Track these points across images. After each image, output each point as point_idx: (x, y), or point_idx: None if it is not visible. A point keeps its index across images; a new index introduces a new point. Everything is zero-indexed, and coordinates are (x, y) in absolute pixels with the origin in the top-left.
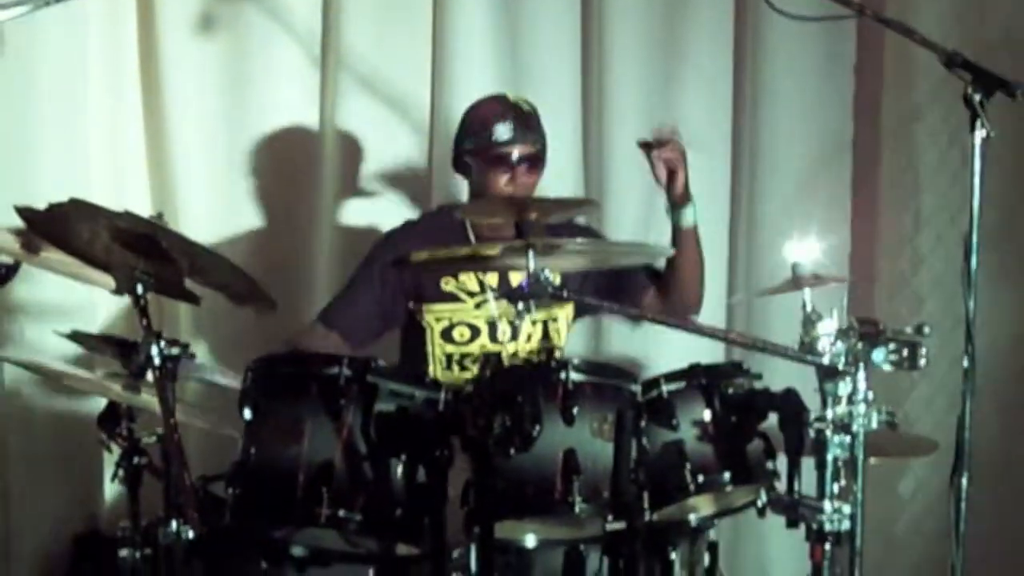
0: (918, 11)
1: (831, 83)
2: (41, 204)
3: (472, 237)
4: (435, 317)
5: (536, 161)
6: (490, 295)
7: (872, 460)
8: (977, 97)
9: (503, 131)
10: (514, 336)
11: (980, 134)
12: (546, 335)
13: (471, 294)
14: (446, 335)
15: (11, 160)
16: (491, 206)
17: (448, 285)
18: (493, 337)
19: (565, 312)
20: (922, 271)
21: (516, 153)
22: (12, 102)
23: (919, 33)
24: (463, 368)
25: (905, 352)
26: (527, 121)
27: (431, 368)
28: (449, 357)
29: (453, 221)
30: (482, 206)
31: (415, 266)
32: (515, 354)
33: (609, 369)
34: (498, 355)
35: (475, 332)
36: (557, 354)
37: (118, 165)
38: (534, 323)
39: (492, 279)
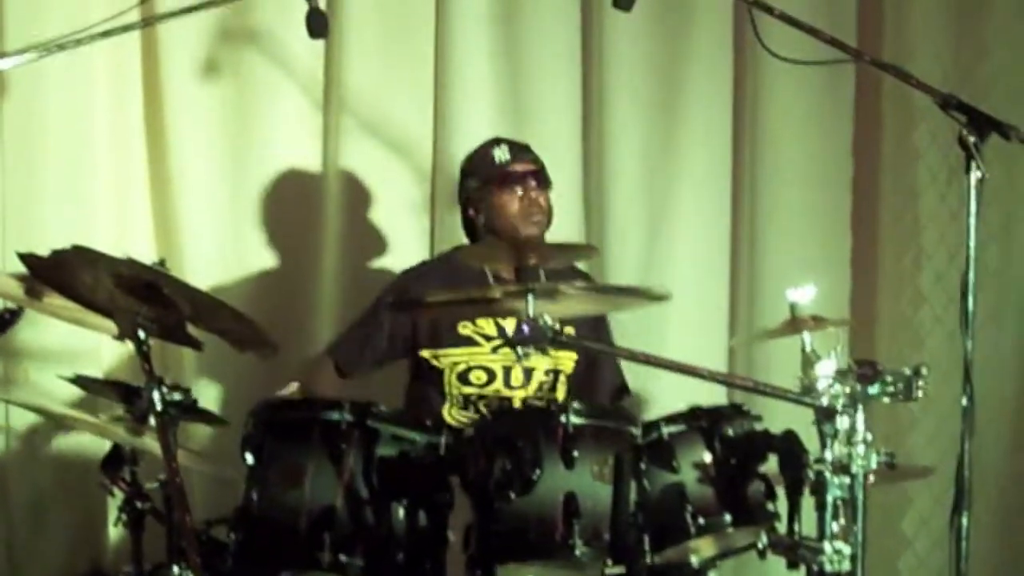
0: (915, 52)
1: (830, 124)
2: (45, 250)
3: (491, 278)
4: (452, 361)
5: (541, 177)
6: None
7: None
8: (972, 139)
9: (501, 153)
10: (527, 382)
11: (975, 175)
12: (555, 386)
13: (488, 338)
14: (462, 378)
15: (16, 205)
16: (492, 250)
17: (466, 329)
18: (508, 382)
19: (569, 366)
20: (923, 310)
21: (520, 168)
22: (18, 147)
23: (915, 77)
24: (478, 411)
25: (900, 384)
26: (521, 145)
27: (447, 408)
28: (467, 398)
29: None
30: (483, 250)
31: (431, 310)
32: (526, 400)
33: (609, 412)
34: (509, 401)
35: (491, 376)
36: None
37: (122, 210)
38: (547, 372)
39: (510, 324)
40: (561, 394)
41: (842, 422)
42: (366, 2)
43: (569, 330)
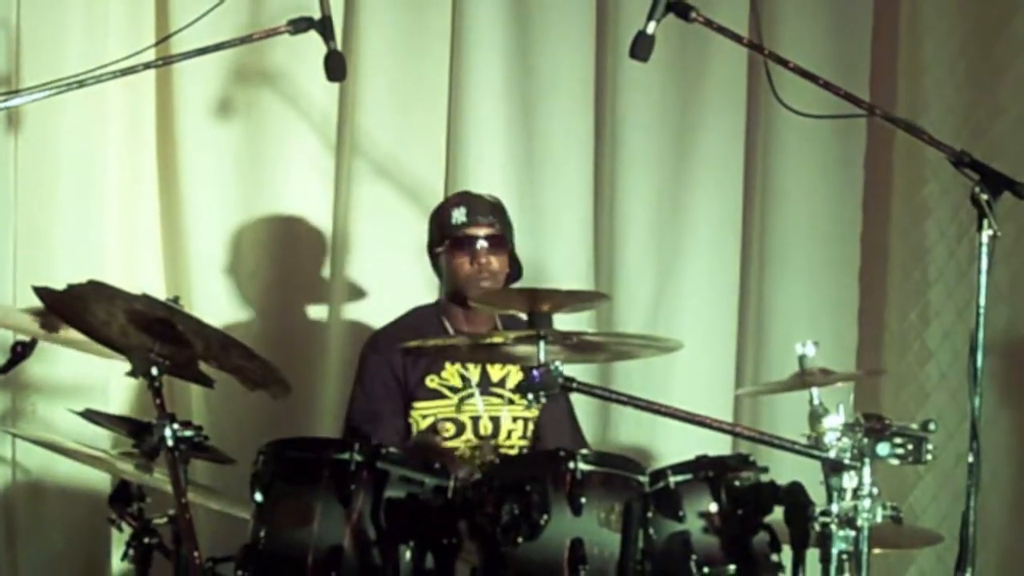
0: (928, 107)
1: (841, 178)
2: (57, 285)
3: (451, 331)
4: (421, 414)
5: (496, 241)
6: (475, 390)
7: (876, 550)
8: (984, 197)
9: (458, 214)
10: (495, 431)
11: (987, 233)
12: (525, 433)
13: (454, 390)
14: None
15: (29, 240)
16: (504, 296)
17: (432, 382)
18: (476, 432)
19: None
20: (929, 366)
21: (472, 232)
22: (31, 182)
23: (928, 133)
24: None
25: (910, 446)
26: (481, 206)
27: None
28: None
29: (429, 318)
30: (496, 296)
31: (403, 365)
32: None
33: (617, 460)
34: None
35: (460, 428)
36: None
37: (133, 247)
38: (515, 420)
39: (474, 374)
40: (526, 442)
41: (849, 479)
42: (380, 45)
43: None
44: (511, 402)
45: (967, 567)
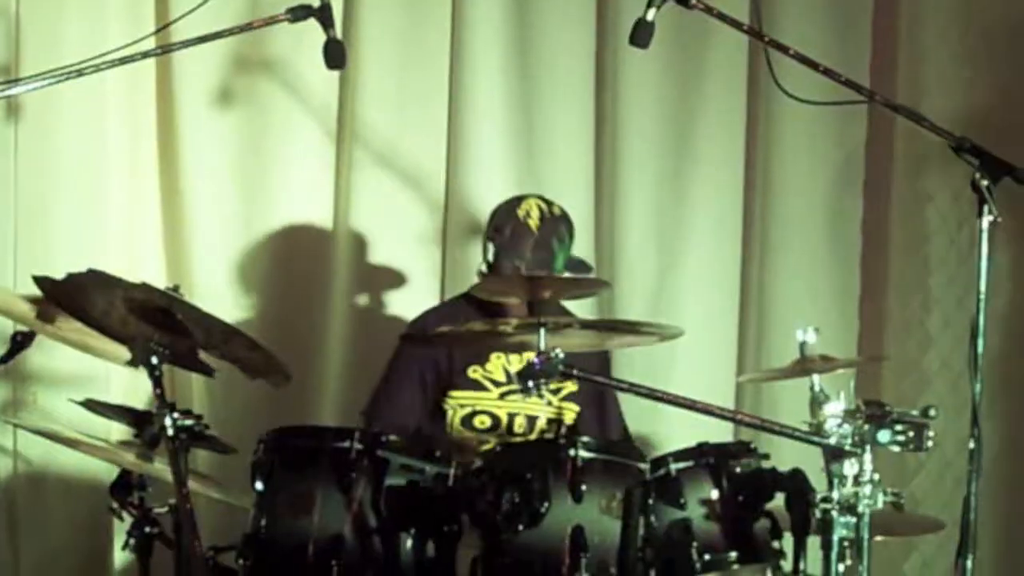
0: (929, 92)
1: (841, 165)
2: (56, 274)
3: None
4: (459, 403)
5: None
6: (517, 386)
7: (878, 538)
8: (985, 182)
9: (527, 254)
10: (530, 428)
11: (988, 218)
12: (558, 432)
13: (496, 383)
14: (466, 421)
15: (29, 229)
16: (505, 284)
17: (475, 374)
18: (511, 429)
19: (570, 417)
20: (930, 353)
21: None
22: (32, 171)
23: (928, 119)
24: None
25: (911, 433)
26: (547, 245)
27: None
28: None
29: (471, 307)
30: (496, 284)
31: (447, 353)
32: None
33: (618, 447)
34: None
35: (496, 421)
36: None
37: (134, 237)
38: (549, 423)
39: (517, 367)
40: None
41: (850, 466)
42: (381, 33)
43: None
44: (548, 401)
45: (968, 553)
